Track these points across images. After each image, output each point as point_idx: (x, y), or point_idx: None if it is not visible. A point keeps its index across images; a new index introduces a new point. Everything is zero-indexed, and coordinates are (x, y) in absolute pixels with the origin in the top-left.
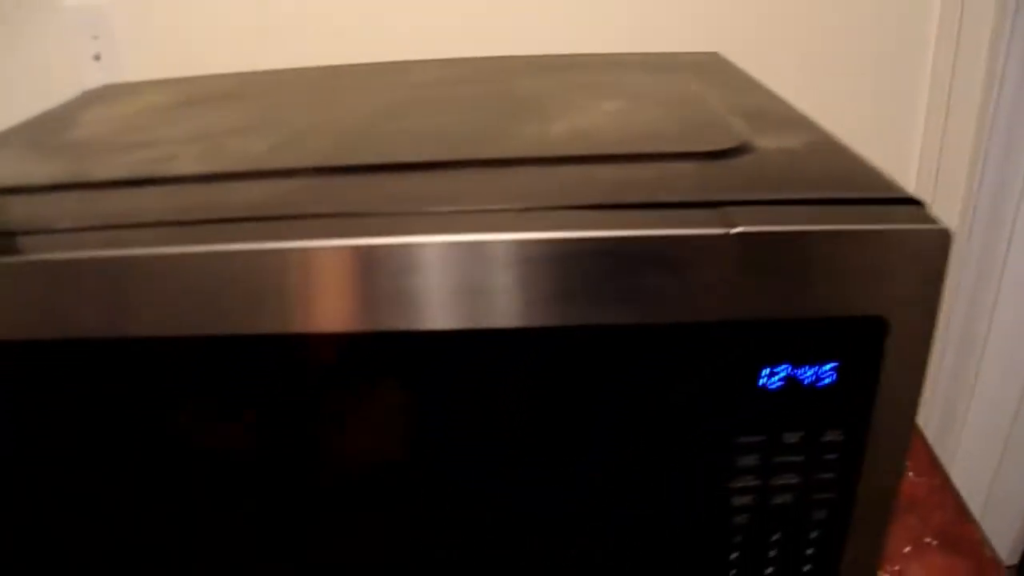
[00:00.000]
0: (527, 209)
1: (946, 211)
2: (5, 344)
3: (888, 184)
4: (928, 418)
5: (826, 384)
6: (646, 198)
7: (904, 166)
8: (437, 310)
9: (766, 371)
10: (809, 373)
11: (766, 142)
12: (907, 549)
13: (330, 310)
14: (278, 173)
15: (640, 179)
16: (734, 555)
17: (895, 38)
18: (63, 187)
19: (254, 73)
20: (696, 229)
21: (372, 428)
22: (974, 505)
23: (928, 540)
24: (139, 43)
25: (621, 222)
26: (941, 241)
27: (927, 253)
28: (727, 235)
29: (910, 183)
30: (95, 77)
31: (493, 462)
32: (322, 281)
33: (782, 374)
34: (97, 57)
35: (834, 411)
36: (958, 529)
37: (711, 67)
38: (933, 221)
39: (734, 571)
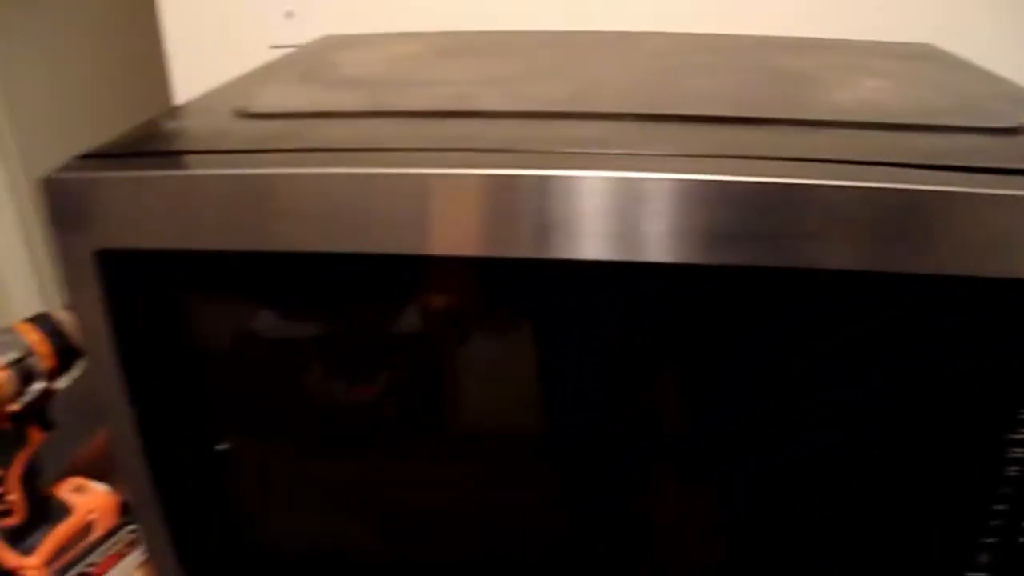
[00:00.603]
0: (849, 162)
1: None
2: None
3: None
4: None
5: None
6: (961, 162)
7: None
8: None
9: None
10: None
11: None
12: None
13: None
14: (594, 116)
15: (950, 146)
16: (1000, 506)
17: None
18: (377, 115)
19: (484, 33)
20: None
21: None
22: None
23: None
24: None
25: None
26: None
27: None
28: None
29: None
30: (284, 34)
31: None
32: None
33: None
34: (290, 15)
35: None
36: None
37: (935, 56)
38: None
39: (996, 522)
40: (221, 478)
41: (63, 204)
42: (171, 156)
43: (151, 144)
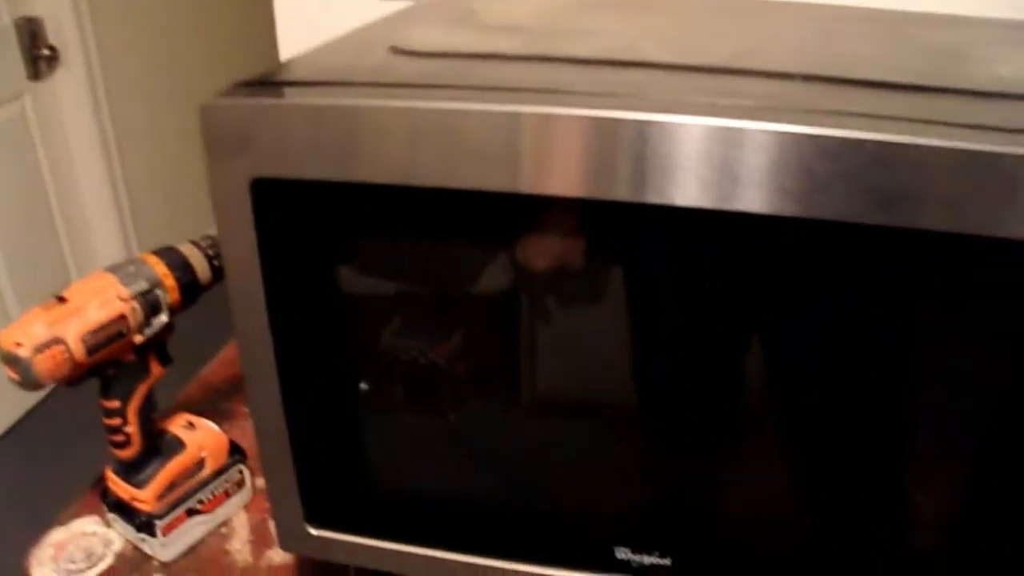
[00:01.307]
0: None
1: None
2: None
3: None
4: None
5: None
6: None
7: None
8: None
9: None
10: None
11: None
12: None
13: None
14: (762, 73)
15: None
16: None
17: None
18: (541, 59)
19: None
20: None
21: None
22: None
23: None
24: None
25: None
26: None
27: None
28: None
29: None
30: None
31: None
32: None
33: None
34: None
35: None
36: None
37: None
38: None
39: None
40: (351, 418)
41: (221, 131)
42: (334, 87)
43: (307, 75)
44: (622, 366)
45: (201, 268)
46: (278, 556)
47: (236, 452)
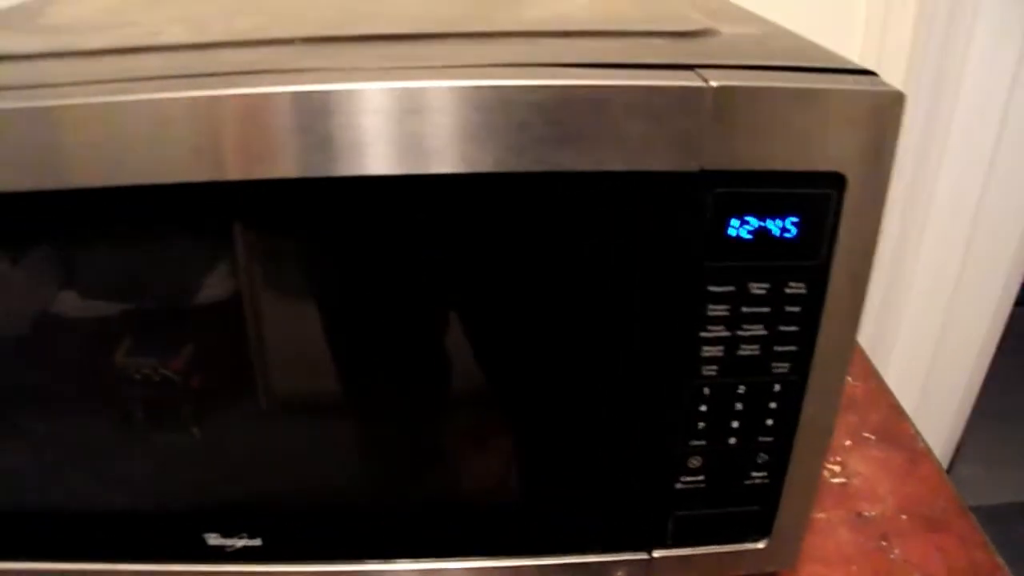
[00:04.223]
0: (508, 65)
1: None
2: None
3: (843, 59)
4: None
5: (790, 237)
6: (626, 60)
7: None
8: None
9: (736, 222)
10: (774, 225)
11: (727, 29)
12: (847, 443)
13: (277, 155)
14: (264, 42)
15: (618, 48)
16: (702, 407)
17: None
18: (55, 55)
19: None
20: (678, 82)
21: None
22: (907, 407)
23: (867, 435)
24: None
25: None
26: (895, 102)
27: (882, 113)
28: (706, 88)
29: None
30: None
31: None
32: (272, 125)
33: (750, 226)
34: None
35: (797, 263)
36: (894, 426)
37: None
38: (886, 85)
39: (702, 424)
40: None
41: None
42: None
43: None
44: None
45: None
46: None
47: None
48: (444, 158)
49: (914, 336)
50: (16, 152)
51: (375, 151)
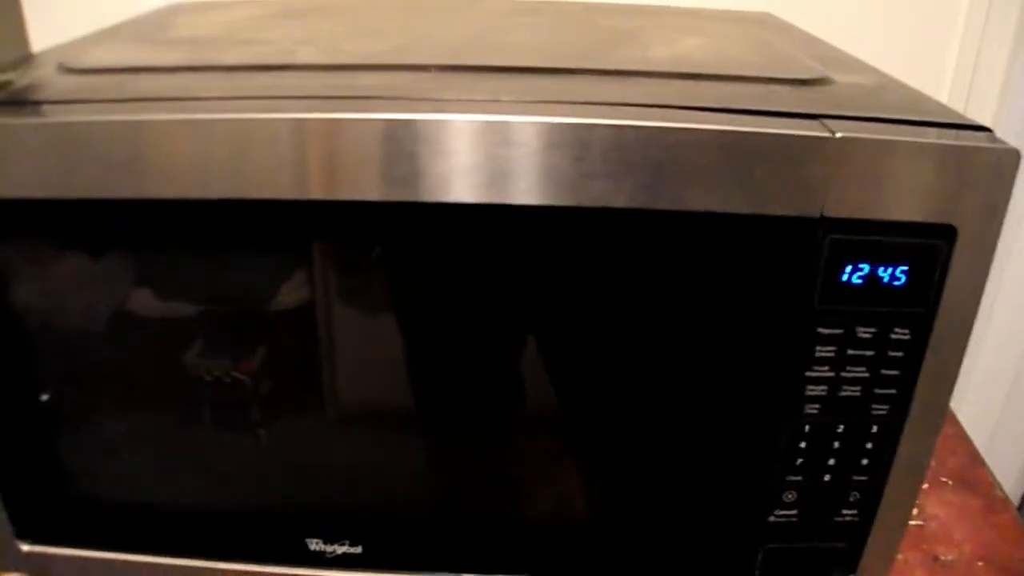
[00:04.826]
0: (645, 105)
1: None
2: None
3: (958, 114)
4: None
5: (899, 285)
6: (754, 107)
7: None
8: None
9: (849, 267)
10: (885, 273)
11: (841, 77)
12: (924, 486)
13: (367, 180)
14: (400, 67)
15: (743, 93)
16: (802, 444)
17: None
18: (196, 69)
19: None
20: (805, 132)
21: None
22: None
23: (944, 479)
24: None
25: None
26: (1010, 160)
27: (997, 170)
28: (831, 138)
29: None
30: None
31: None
32: (364, 151)
33: (862, 272)
34: None
35: (904, 310)
36: (971, 472)
37: (769, 22)
38: (1003, 143)
39: (800, 460)
40: (48, 432)
41: None
42: None
43: None
44: (406, 369)
45: None
46: None
47: None
48: (581, 192)
49: (988, 381)
50: (106, 161)
51: (520, 184)
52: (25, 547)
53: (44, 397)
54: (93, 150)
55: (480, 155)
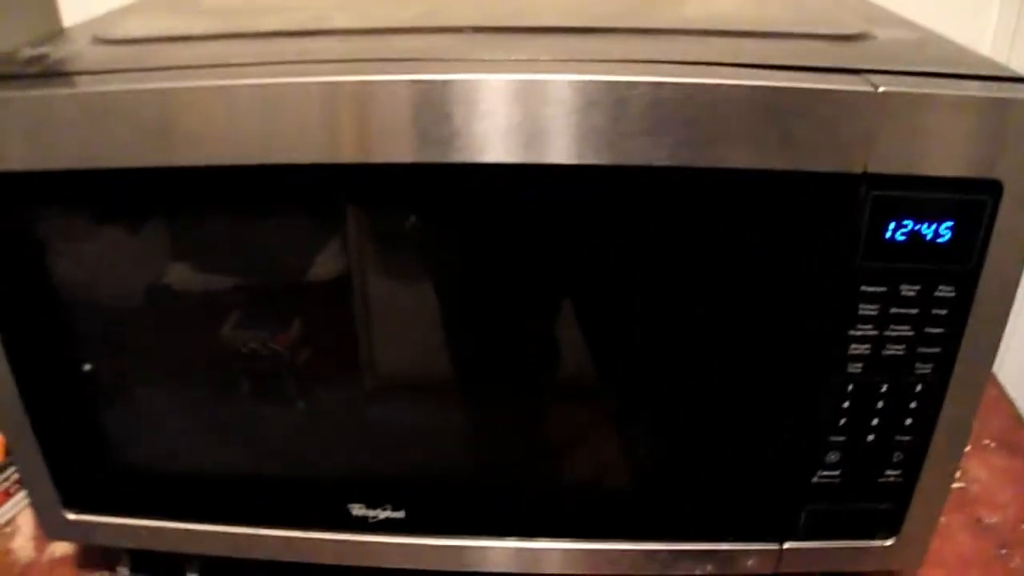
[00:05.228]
0: (684, 63)
1: None
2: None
3: (1002, 67)
4: None
5: (943, 241)
6: (794, 63)
7: None
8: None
9: (892, 224)
10: (929, 229)
11: (882, 33)
12: (967, 448)
13: (402, 142)
14: (434, 30)
15: (782, 50)
16: (845, 403)
17: None
18: (231, 36)
19: None
20: (847, 86)
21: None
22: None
23: (987, 442)
24: None
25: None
26: None
27: None
28: (874, 93)
29: None
30: None
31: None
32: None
33: (906, 229)
34: None
35: (948, 267)
36: (1014, 434)
37: None
38: None
39: (843, 420)
40: (91, 402)
41: None
42: (21, 79)
43: (6, 69)
44: (442, 336)
45: None
46: (59, 548)
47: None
48: (620, 151)
49: None
50: (139, 129)
51: (559, 143)
52: (71, 516)
53: (87, 368)
54: (126, 119)
55: (518, 115)
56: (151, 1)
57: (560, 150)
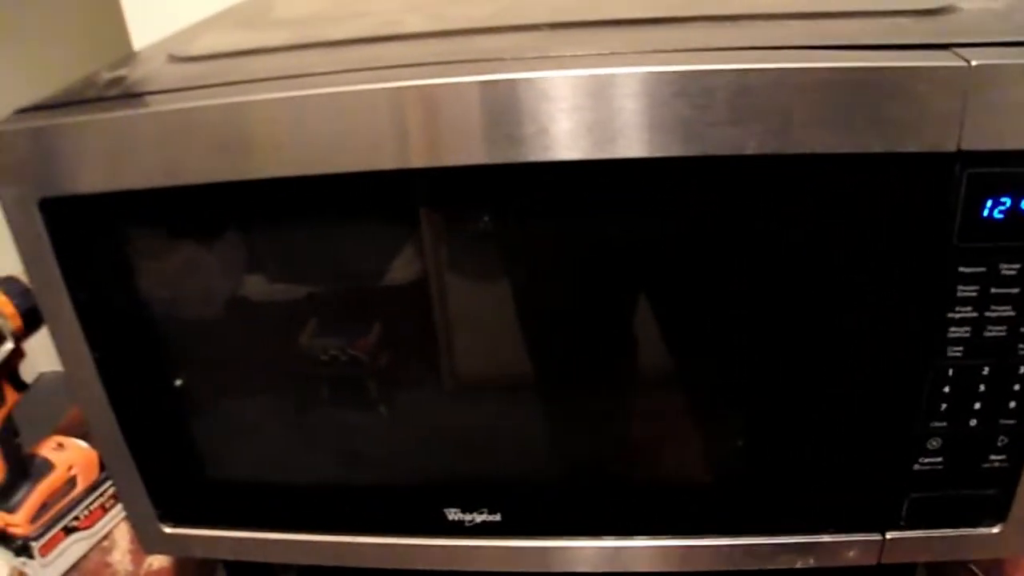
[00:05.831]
0: (769, 48)
1: None
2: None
3: None
4: None
5: None
6: (880, 41)
7: None
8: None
9: (990, 202)
10: None
11: (967, 4)
12: None
13: (472, 144)
14: (509, 29)
15: (866, 28)
16: (946, 388)
17: None
18: (303, 47)
19: None
20: (938, 62)
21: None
22: None
23: None
24: None
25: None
26: None
27: None
28: (966, 67)
29: None
30: None
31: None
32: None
33: (1004, 206)
34: None
35: None
36: None
37: None
38: None
39: (944, 405)
40: (183, 416)
41: (2, 157)
42: (101, 102)
43: (87, 94)
44: (522, 335)
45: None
46: (156, 561)
47: None
48: (708, 141)
49: None
50: (214, 144)
51: (644, 136)
52: (168, 529)
53: (177, 383)
54: (202, 134)
55: (603, 110)
56: (223, 16)
57: (638, 144)
